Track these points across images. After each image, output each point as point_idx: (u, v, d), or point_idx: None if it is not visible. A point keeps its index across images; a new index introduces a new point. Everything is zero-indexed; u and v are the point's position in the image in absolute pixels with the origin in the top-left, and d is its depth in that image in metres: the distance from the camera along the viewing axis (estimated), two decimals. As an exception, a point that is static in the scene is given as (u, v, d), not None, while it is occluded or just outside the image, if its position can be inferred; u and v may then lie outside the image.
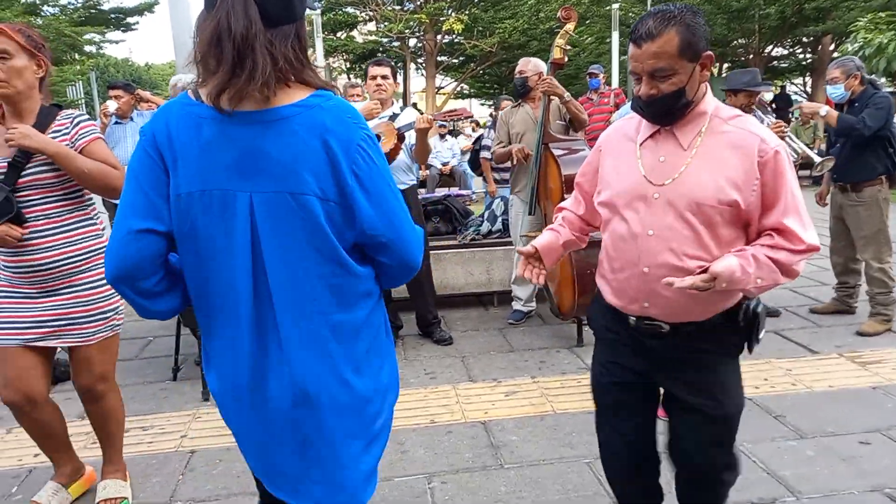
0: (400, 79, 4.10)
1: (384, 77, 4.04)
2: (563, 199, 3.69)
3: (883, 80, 17.10)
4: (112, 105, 5.30)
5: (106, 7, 19.99)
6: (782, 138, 4.17)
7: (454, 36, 18.00)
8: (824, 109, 4.13)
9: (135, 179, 1.30)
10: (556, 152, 3.80)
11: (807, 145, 5.97)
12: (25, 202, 2.27)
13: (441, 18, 17.44)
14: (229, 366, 1.37)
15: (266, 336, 1.33)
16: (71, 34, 16.28)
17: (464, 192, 5.54)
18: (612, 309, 1.83)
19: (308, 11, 1.38)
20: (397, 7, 18.44)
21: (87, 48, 20.57)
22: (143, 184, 1.29)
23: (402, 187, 4.15)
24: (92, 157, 2.33)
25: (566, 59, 3.84)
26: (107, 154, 2.40)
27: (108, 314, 2.46)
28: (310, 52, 1.36)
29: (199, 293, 1.36)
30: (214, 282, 1.32)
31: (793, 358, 3.80)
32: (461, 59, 20.66)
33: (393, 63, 4.35)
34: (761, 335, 1.72)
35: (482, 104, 34.53)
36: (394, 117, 4.03)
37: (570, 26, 3.75)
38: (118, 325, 2.51)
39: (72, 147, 2.32)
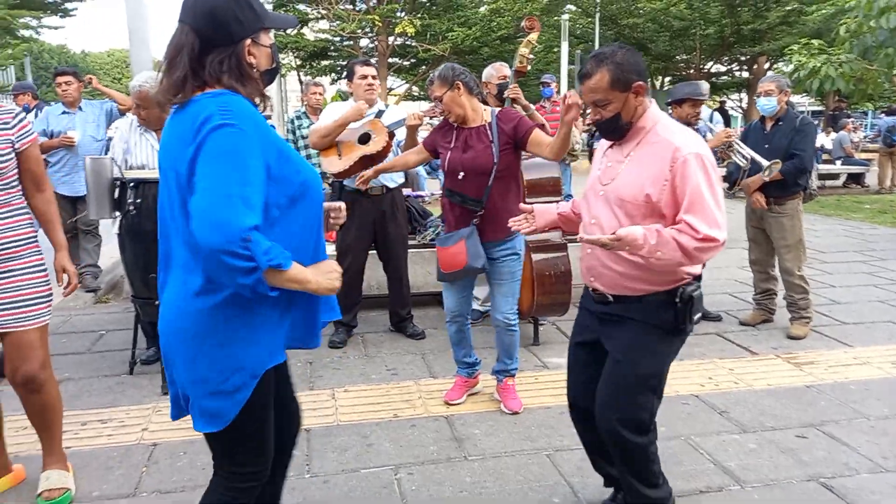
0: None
1: (374, 77, 4.10)
2: (524, 202, 3.80)
3: (807, 99, 18.04)
4: (76, 136, 5.24)
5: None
6: (730, 145, 4.42)
7: (406, 39, 18.06)
8: (767, 173, 4.21)
9: None
10: (519, 157, 3.91)
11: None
12: None
13: (394, 21, 17.47)
14: None
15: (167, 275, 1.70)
16: (5, 16, 15.55)
17: (421, 192, 5.60)
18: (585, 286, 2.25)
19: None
20: (350, 7, 18.37)
21: (23, 32, 19.62)
22: None
23: (392, 185, 4.21)
24: (30, 160, 2.47)
25: (528, 67, 3.97)
26: (39, 158, 2.56)
27: (45, 300, 2.49)
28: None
29: None
30: None
31: (734, 358, 4.04)
32: (413, 61, 20.72)
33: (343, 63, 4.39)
34: (695, 318, 2.06)
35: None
36: (380, 114, 4.08)
37: (533, 36, 3.88)
38: (50, 312, 2.54)
39: (13, 144, 2.40)
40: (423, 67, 20.84)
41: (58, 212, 2.62)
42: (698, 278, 2.10)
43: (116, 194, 3.34)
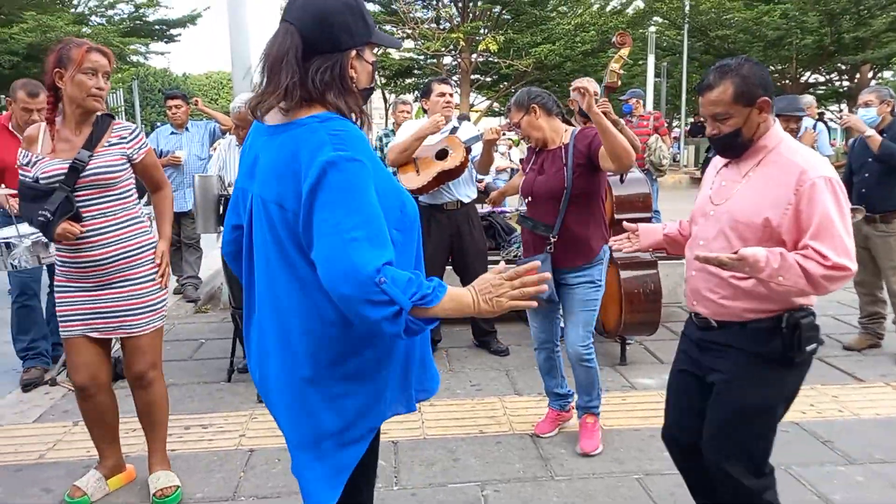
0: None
1: (451, 94, 4.19)
2: (612, 218, 3.76)
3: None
4: (182, 155, 5.64)
5: (151, 19, 20.58)
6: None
7: (489, 55, 18.20)
8: (869, 130, 4.07)
9: None
10: (607, 174, 3.87)
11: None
12: (83, 202, 2.48)
13: (477, 38, 17.67)
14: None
15: (251, 319, 1.62)
16: (118, 44, 16.77)
17: (506, 209, 5.61)
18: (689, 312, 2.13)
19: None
20: (434, 26, 18.74)
21: (133, 58, 21.08)
22: None
23: (466, 200, 4.26)
24: (147, 168, 2.66)
25: (619, 83, 3.92)
26: (156, 163, 2.74)
27: (157, 306, 2.66)
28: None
29: None
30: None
31: (839, 384, 3.81)
32: (495, 77, 20.84)
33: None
34: (807, 348, 1.88)
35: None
36: (454, 131, 4.15)
37: (625, 51, 3.83)
38: (164, 316, 2.71)
39: (130, 157, 2.58)
40: (505, 83, 20.94)
41: (171, 208, 2.82)
42: (808, 307, 1.92)
43: (221, 210, 3.54)
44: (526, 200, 3.09)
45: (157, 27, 20.85)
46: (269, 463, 2.98)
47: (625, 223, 2.35)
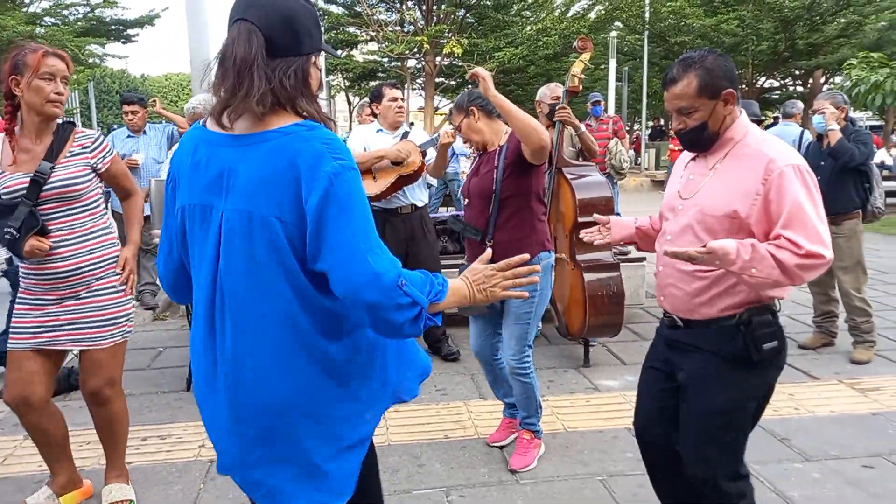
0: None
1: (402, 99, 4.16)
2: (576, 222, 3.79)
3: (864, 115, 17.43)
4: (140, 158, 5.47)
5: (107, 19, 20.11)
6: None
7: (453, 59, 18.26)
8: (836, 128, 4.11)
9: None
10: (569, 177, 3.91)
11: None
12: (47, 215, 2.39)
13: (441, 41, 17.71)
14: (195, 359, 1.49)
15: (213, 339, 1.41)
16: (74, 47, 16.35)
17: (461, 212, 5.64)
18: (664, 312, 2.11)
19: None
20: (398, 28, 18.73)
21: (90, 60, 20.55)
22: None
23: (420, 204, 4.24)
24: (115, 176, 2.59)
25: (581, 87, 3.97)
26: (124, 170, 2.66)
27: (121, 320, 2.56)
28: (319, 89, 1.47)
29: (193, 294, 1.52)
30: (194, 285, 1.48)
31: (794, 383, 3.90)
32: (459, 80, 20.94)
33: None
34: (764, 346, 1.87)
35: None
36: (405, 135, 4.13)
37: (586, 56, 3.88)
38: (128, 331, 2.61)
39: (94, 166, 2.50)
40: (470, 86, 21.04)
41: (141, 215, 2.72)
42: (768, 305, 1.90)
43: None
44: (464, 203, 3.03)
45: (113, 27, 20.40)
46: (229, 473, 2.91)
47: (596, 215, 2.30)
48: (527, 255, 1.46)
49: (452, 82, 21.31)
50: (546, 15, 19.90)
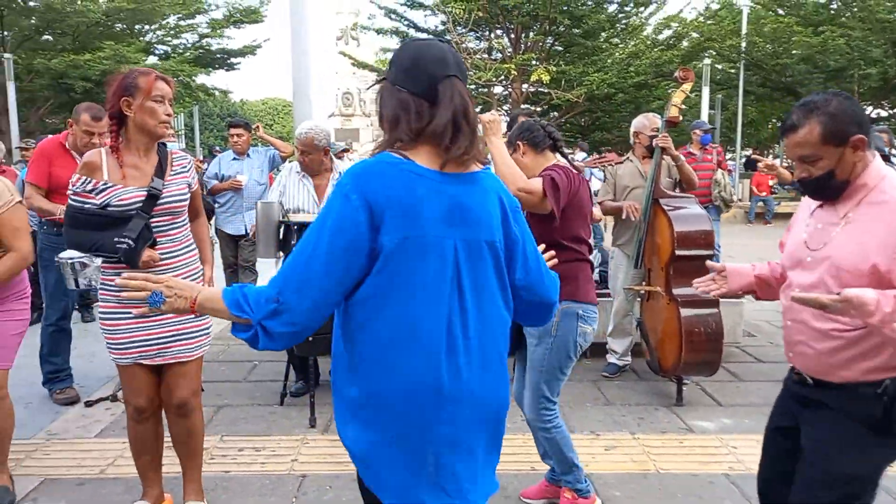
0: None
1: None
2: (673, 254, 3.69)
3: None
4: (243, 180, 5.77)
5: (213, 48, 21.43)
6: None
7: (540, 86, 18.28)
8: None
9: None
10: (667, 208, 3.82)
11: None
12: (157, 227, 2.52)
13: (529, 69, 17.78)
14: (418, 383, 1.50)
15: (456, 355, 1.51)
16: (187, 77, 17.54)
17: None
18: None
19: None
20: (486, 56, 18.96)
21: (197, 87, 21.88)
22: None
23: None
24: (195, 196, 2.73)
25: (680, 117, 3.89)
26: (199, 191, 2.82)
27: (208, 331, 2.68)
28: None
29: (390, 324, 1.48)
30: (410, 314, 1.47)
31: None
32: (545, 107, 20.93)
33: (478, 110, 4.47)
34: None
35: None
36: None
37: (687, 86, 3.81)
38: (207, 345, 2.71)
39: (190, 185, 2.65)
40: (556, 113, 20.99)
41: (207, 234, 2.89)
42: None
43: (282, 235, 3.61)
44: None
45: (219, 56, 21.68)
46: (320, 490, 2.98)
47: (709, 262, 2.18)
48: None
49: (538, 109, 21.33)
50: (636, 42, 19.65)
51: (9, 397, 2.85)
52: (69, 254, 3.76)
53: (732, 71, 19.43)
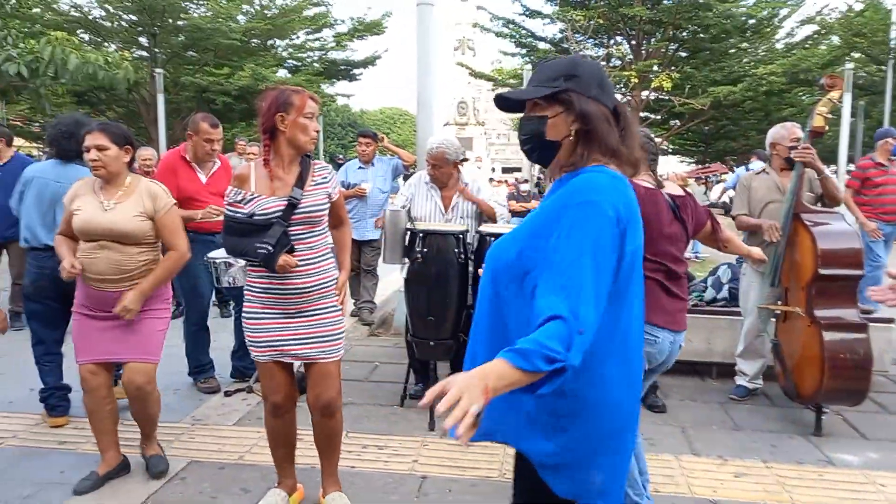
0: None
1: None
2: (816, 273, 3.46)
3: None
4: (368, 188, 6.03)
5: (338, 61, 22.45)
6: None
7: (661, 93, 17.66)
8: None
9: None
10: (809, 223, 3.58)
11: None
12: (294, 235, 2.66)
13: (650, 76, 17.24)
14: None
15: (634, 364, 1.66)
16: (315, 89, 18.52)
17: (687, 254, 5.36)
18: None
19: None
20: (605, 63, 18.58)
21: (323, 99, 23.03)
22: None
23: None
24: (336, 206, 2.83)
25: (827, 128, 3.64)
26: (342, 202, 2.92)
27: (341, 337, 2.79)
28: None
29: (619, 333, 1.56)
30: (625, 322, 1.57)
31: None
32: (665, 115, 20.20)
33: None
34: None
35: (680, 161, 33.31)
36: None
37: (835, 94, 3.56)
38: (343, 348, 2.83)
39: (330, 195, 2.74)
40: (677, 121, 20.21)
41: (350, 241, 3.03)
42: None
43: (407, 242, 3.73)
44: None
45: (342, 67, 22.68)
46: (440, 491, 3.04)
47: (891, 270, 2.04)
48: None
49: (658, 117, 20.62)
50: (768, 47, 18.55)
51: (157, 388, 3.13)
52: (217, 254, 4.09)
53: (878, 76, 17.85)
